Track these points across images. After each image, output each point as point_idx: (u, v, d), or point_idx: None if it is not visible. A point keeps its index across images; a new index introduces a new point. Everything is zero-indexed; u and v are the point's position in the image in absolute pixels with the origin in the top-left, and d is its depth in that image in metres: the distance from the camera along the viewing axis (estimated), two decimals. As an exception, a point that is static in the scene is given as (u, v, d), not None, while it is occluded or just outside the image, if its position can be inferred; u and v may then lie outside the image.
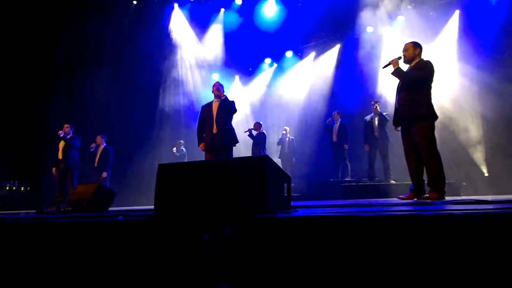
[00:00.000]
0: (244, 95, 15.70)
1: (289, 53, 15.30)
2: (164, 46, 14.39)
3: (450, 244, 1.67)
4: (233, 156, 6.66)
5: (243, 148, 11.13)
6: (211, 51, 15.01)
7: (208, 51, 15.03)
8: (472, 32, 10.70)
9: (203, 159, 6.57)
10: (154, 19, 13.85)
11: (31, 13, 11.51)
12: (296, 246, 1.95)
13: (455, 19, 11.49)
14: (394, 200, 5.20)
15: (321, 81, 14.49)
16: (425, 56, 5.17)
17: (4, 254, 2.74)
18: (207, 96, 11.68)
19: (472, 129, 10.37)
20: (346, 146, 10.40)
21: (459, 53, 10.89)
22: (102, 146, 9.83)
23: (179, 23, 14.79)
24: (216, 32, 15.02)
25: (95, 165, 9.70)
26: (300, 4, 13.46)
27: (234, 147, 6.67)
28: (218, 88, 6.55)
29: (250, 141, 10.60)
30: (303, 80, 14.92)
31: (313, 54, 15.01)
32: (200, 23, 14.93)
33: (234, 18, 14.63)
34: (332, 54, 14.50)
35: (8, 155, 11.94)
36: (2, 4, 10.97)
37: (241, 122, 13.95)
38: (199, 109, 6.86)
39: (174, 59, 14.99)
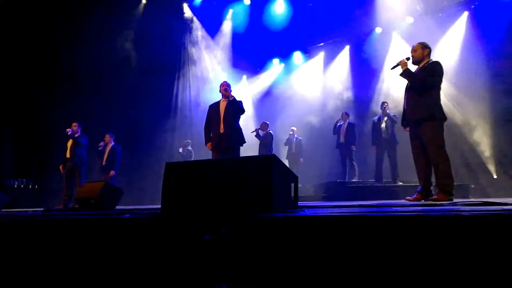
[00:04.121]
0: (252, 94, 15.71)
1: (297, 53, 15.29)
2: (174, 44, 14.42)
3: (457, 246, 1.66)
4: (240, 156, 6.66)
5: (250, 148, 11.13)
6: (219, 50, 15.06)
7: (217, 51, 15.08)
8: (480, 32, 10.63)
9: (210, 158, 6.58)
10: (164, 15, 13.88)
11: (36, 8, 11.56)
12: (302, 246, 1.94)
13: (463, 20, 11.42)
14: (402, 201, 5.17)
15: (329, 82, 14.50)
16: (434, 56, 5.15)
17: (12, 252, 2.76)
18: (215, 95, 11.72)
19: (480, 130, 10.30)
20: (353, 148, 10.34)
21: (467, 53, 10.80)
22: (110, 145, 9.84)
23: (189, 21, 14.87)
24: (224, 32, 15.07)
25: (103, 163, 9.72)
26: (310, 4, 13.44)
27: (241, 147, 6.67)
28: (226, 88, 6.53)
29: (257, 141, 10.58)
30: (311, 81, 14.92)
31: (321, 54, 15.00)
32: (209, 23, 14.97)
33: (243, 18, 14.64)
34: (340, 55, 14.48)
35: (16, 153, 12.02)
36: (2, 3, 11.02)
37: (248, 121, 13.95)
38: (207, 108, 6.86)
39: (184, 58, 15.06)
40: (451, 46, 11.29)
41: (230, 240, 2.08)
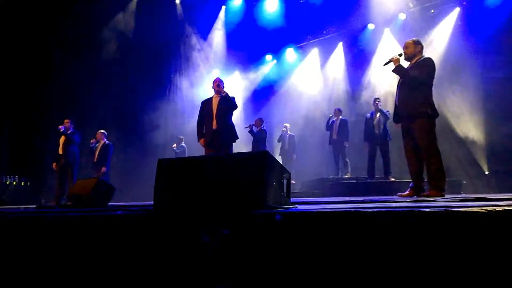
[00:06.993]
0: (244, 90, 15.69)
1: (290, 50, 15.29)
2: (167, 41, 14.37)
3: (448, 242, 1.67)
4: (233, 152, 6.66)
5: (242, 145, 11.10)
6: (212, 46, 15.04)
7: (210, 47, 15.06)
8: (471, 27, 10.69)
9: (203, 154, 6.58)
10: (157, 12, 13.84)
11: (29, 4, 11.48)
12: (294, 243, 1.95)
13: (453, 16, 11.46)
14: (394, 197, 5.20)
15: (322, 78, 14.51)
16: (426, 52, 5.18)
17: (4, 249, 2.74)
18: (207, 91, 11.69)
19: (472, 126, 10.36)
20: (346, 144, 10.37)
21: (457, 47, 10.82)
22: (102, 142, 9.80)
23: (182, 18, 14.85)
24: (217, 28, 15.05)
25: (95, 160, 9.69)
26: (301, 1, 13.44)
27: (234, 143, 6.67)
28: (218, 84, 6.53)
29: (250, 137, 10.53)
30: (304, 77, 14.93)
31: (314, 50, 14.99)
32: (202, 19, 14.94)
33: (235, 14, 14.63)
34: (333, 51, 14.50)
35: (9, 149, 11.95)
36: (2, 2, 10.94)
37: (239, 117, 13.94)
38: (199, 104, 6.85)
39: (176, 54, 15.03)
40: (441, 40, 11.34)
41: (223, 237, 2.08)
